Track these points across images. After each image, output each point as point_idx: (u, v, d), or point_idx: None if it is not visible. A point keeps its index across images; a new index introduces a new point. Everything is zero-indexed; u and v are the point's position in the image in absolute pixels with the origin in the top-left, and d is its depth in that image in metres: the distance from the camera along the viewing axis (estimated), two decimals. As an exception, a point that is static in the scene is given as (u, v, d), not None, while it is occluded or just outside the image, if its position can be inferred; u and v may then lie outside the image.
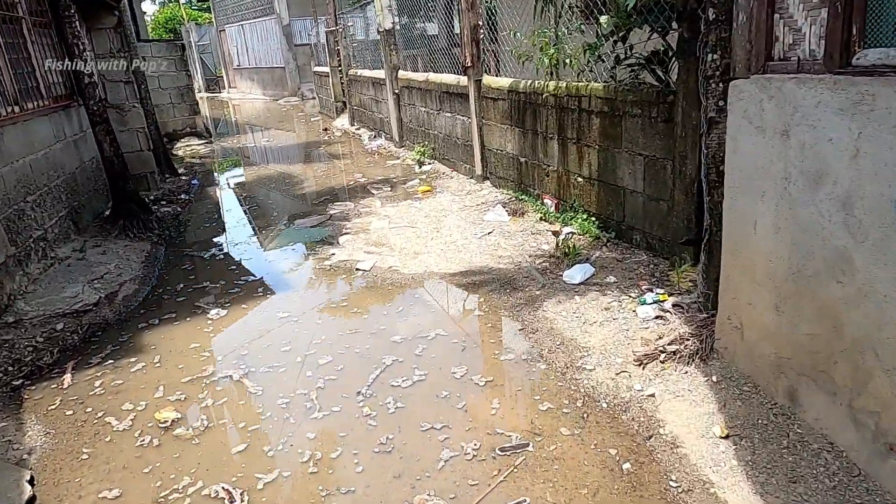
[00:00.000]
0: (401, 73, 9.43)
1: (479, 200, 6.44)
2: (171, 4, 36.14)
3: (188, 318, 4.22)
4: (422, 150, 8.67)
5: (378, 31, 9.75)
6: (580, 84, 4.82)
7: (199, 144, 12.51)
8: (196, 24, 31.47)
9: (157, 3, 41.87)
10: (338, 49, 13.53)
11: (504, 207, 5.92)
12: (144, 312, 4.40)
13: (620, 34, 4.17)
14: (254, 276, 5.02)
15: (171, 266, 5.43)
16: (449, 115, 7.74)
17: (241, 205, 7.36)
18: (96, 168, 6.47)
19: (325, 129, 13.34)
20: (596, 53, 4.46)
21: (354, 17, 12.26)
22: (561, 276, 4.24)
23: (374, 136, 11.48)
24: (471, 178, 7.41)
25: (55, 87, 5.82)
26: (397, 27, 9.43)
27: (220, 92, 29.44)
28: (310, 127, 14.86)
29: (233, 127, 16.70)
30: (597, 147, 4.74)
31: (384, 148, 10.33)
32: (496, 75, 6.48)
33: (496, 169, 6.69)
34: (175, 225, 6.57)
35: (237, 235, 6.16)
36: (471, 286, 4.37)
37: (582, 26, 4.83)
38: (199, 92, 31.67)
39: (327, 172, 8.89)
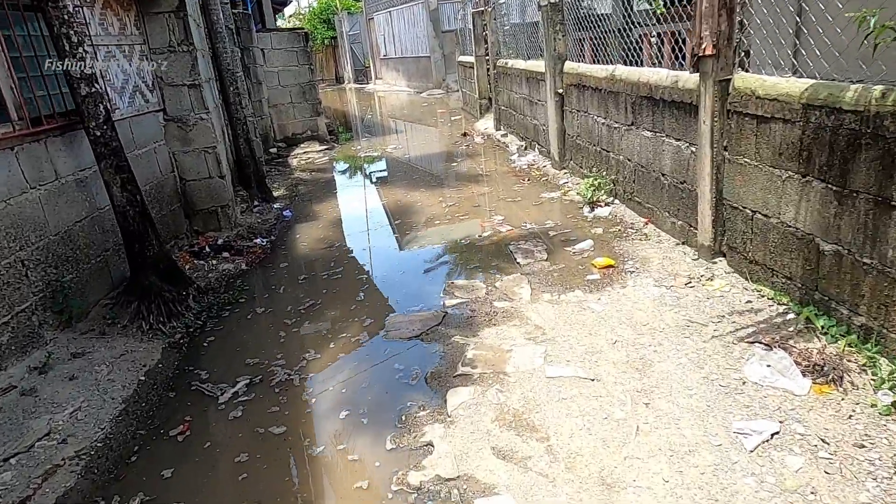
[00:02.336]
0: (568, 65, 6.53)
1: (716, 308, 3.43)
2: (327, -6, 36.03)
3: None
4: (595, 181, 5.76)
5: (539, 6, 6.93)
6: None
7: (318, 151, 10.65)
8: (349, 13, 30.73)
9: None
10: (485, 35, 10.89)
11: (784, 348, 2.88)
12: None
13: None
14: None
15: (175, 394, 3.20)
16: (649, 134, 4.76)
17: (324, 267, 5.02)
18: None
19: (465, 134, 10.82)
20: None
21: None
22: None
23: (525, 149, 8.70)
24: (684, 243, 4.38)
25: (40, 102, 3.82)
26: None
27: (367, 83, 28.40)
28: (449, 128, 12.45)
29: (361, 128, 14.86)
30: None
31: (537, 168, 7.53)
32: (748, 73, 3.40)
33: (748, 244, 3.63)
34: (218, 305, 4.37)
35: (290, 348, 3.78)
36: None
37: None
38: (349, 83, 31.11)
39: (455, 208, 6.32)
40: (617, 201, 5.58)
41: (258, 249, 5.56)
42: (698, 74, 3.80)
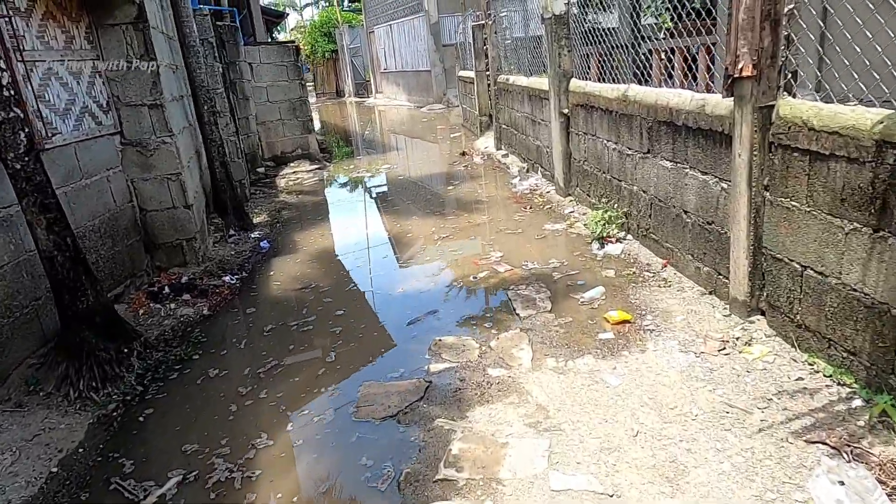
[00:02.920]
0: (575, 83, 5.93)
1: (760, 386, 2.78)
2: (328, 7, 35.76)
3: None
4: (605, 214, 5.14)
5: (542, 20, 6.35)
6: None
7: (308, 171, 10.06)
8: (349, 26, 30.37)
9: (318, 6, 42.22)
10: (485, 49, 10.34)
11: (858, 455, 2.23)
12: None
13: None
14: None
15: (89, 494, 2.57)
16: (669, 164, 4.13)
17: (296, 315, 4.39)
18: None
19: (464, 154, 10.22)
20: None
21: (511, 7, 8.93)
22: None
23: (527, 171, 8.10)
24: (712, 293, 3.74)
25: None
26: (573, 10, 5.94)
27: (367, 97, 27.95)
28: (448, 146, 11.86)
29: (357, 145, 14.29)
30: None
31: (540, 194, 6.91)
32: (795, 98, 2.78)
33: (796, 305, 2.99)
34: (167, 364, 3.74)
35: (239, 429, 3.14)
36: None
37: None
38: (349, 97, 30.68)
39: (449, 241, 5.70)
40: (630, 237, 4.94)
41: (225, 290, 4.93)
42: (732, 99, 3.18)
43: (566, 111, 6.17)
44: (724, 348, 3.16)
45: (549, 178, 7.21)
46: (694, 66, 4.58)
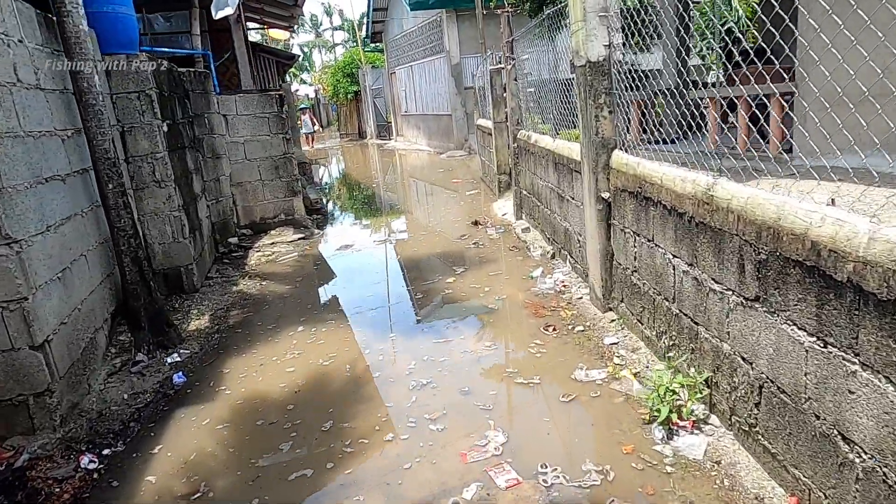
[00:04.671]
0: (620, 157, 4.10)
1: None
2: (352, 48, 35.03)
3: None
4: (675, 378, 3.21)
5: (573, 66, 4.59)
6: None
7: (289, 243, 8.39)
8: (372, 66, 29.40)
9: (346, 46, 41.72)
10: (504, 96, 8.65)
11: None
12: None
13: None
14: None
15: None
16: (807, 337, 2.23)
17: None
18: None
19: (476, 223, 8.42)
20: None
21: (537, 47, 7.20)
22: None
23: (552, 257, 6.25)
24: None
25: None
26: (617, 55, 4.15)
27: (389, 139, 26.66)
28: (462, 208, 10.12)
29: (362, 202, 12.68)
30: None
31: (569, 300, 5.04)
32: None
33: None
34: None
35: None
36: None
37: None
38: (371, 138, 29.45)
39: (427, 406, 3.84)
40: (719, 424, 3.01)
41: (68, 491, 3.15)
42: None
43: (606, 196, 4.33)
44: None
45: (582, 274, 5.33)
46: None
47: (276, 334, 5.13)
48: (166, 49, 8.11)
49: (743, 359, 2.73)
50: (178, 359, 4.69)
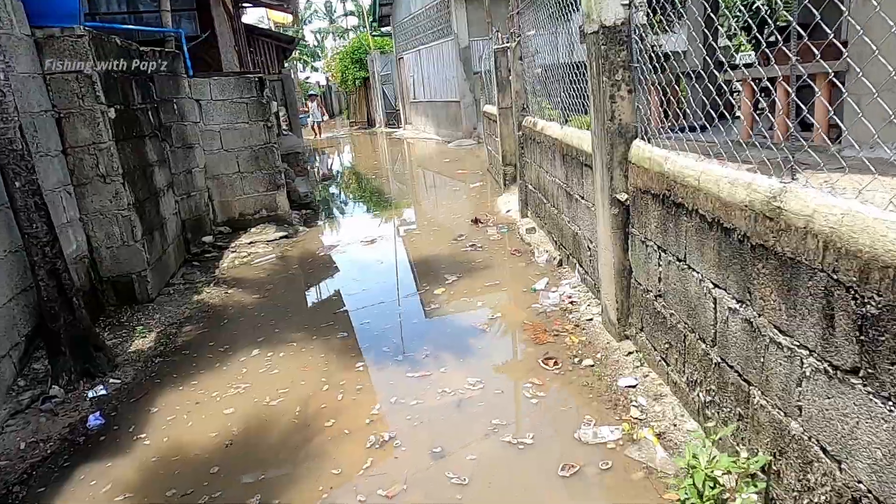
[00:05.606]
0: (641, 148, 3.19)
1: None
2: (360, 33, 34.01)
3: None
4: (727, 457, 2.33)
5: (583, 35, 3.68)
6: None
7: (269, 242, 7.58)
8: (381, 52, 28.41)
9: (357, 31, 40.66)
10: (509, 79, 7.73)
11: None
12: None
13: None
14: None
15: None
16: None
17: None
18: None
19: (476, 221, 7.53)
20: None
21: (546, 26, 6.25)
22: None
23: (559, 264, 5.37)
24: None
25: None
26: (639, 18, 3.23)
27: (398, 127, 25.74)
28: (465, 202, 9.25)
29: (356, 197, 11.86)
30: None
31: (577, 323, 4.16)
32: None
33: None
34: None
35: None
36: None
37: None
38: (380, 126, 28.51)
39: (397, 436, 3.01)
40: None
41: None
42: None
43: (622, 198, 3.43)
44: None
45: (592, 289, 4.45)
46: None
47: (227, 359, 4.31)
48: (130, 27, 7.28)
49: (825, 451, 1.84)
50: (104, 391, 3.90)
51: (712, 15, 3.64)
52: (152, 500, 2.81)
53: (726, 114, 3.10)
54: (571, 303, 4.51)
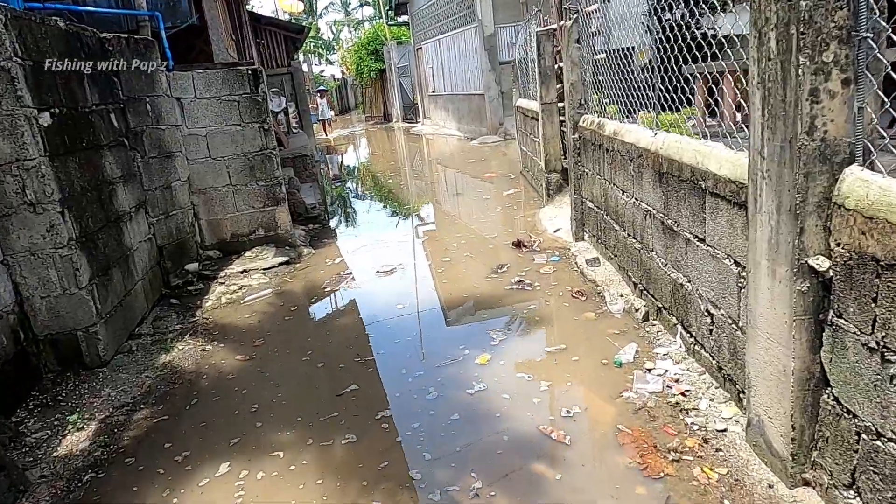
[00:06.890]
0: (864, 182, 1.74)
1: None
2: (376, 23, 32.50)
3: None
4: None
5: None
6: None
7: (265, 271, 6.23)
8: (398, 43, 26.96)
9: (373, 22, 39.16)
10: (558, 69, 6.28)
11: None
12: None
13: None
14: None
15: None
16: None
17: None
18: None
19: (519, 245, 6.09)
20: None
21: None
22: None
23: (644, 318, 3.92)
24: None
25: None
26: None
27: (416, 122, 24.30)
28: (500, 214, 7.83)
29: (373, 203, 10.50)
30: None
31: (695, 421, 2.72)
32: None
33: None
34: None
35: None
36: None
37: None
38: (397, 121, 27.06)
39: None
40: None
41: None
42: None
43: (821, 266, 1.99)
44: None
45: (710, 367, 3.01)
46: None
47: (181, 479, 2.96)
48: (88, 8, 5.94)
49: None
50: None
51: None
52: None
53: None
54: (683, 394, 3.08)
